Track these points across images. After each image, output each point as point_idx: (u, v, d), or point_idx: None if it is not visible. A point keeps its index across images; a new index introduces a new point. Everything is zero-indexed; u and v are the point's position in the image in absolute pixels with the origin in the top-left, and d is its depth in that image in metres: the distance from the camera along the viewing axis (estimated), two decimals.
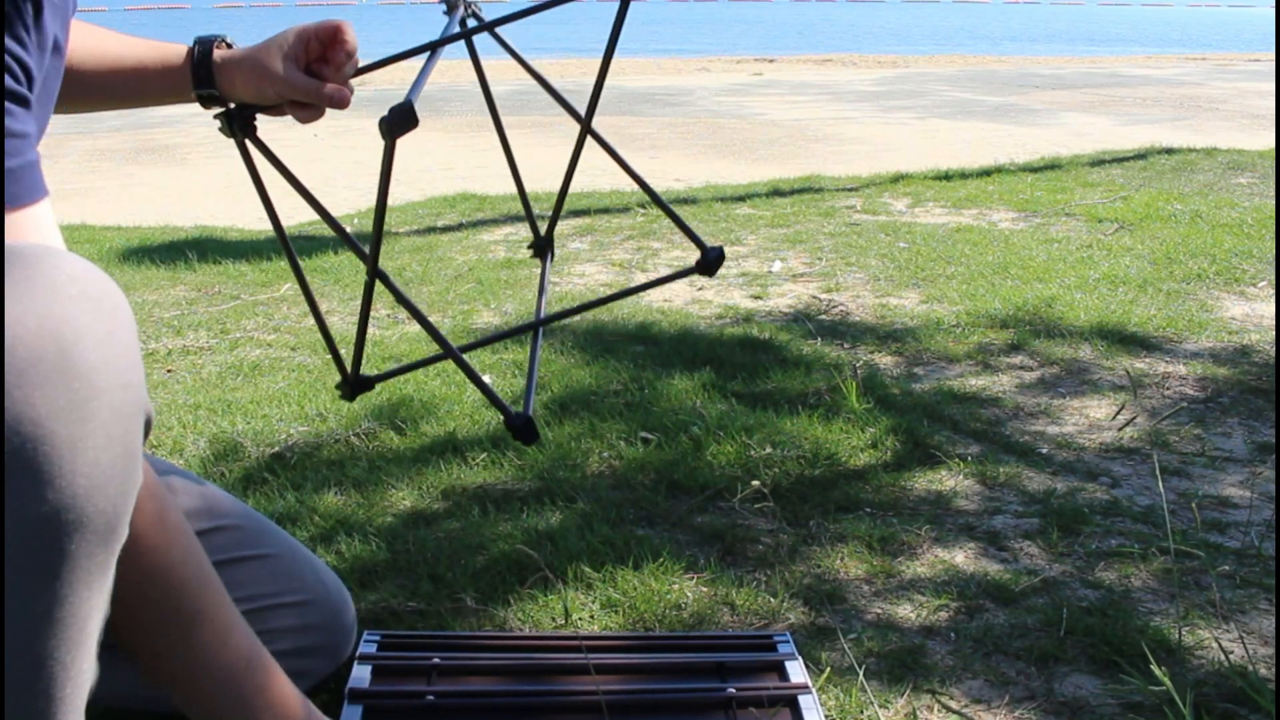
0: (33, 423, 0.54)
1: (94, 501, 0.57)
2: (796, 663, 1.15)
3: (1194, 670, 1.18)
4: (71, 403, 0.56)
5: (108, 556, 0.60)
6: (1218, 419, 1.93)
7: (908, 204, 4.09)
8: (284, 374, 2.19)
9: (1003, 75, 12.75)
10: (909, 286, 2.85)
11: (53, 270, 0.58)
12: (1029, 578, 1.38)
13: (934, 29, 29.67)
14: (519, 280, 2.97)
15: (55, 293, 0.57)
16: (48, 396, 0.55)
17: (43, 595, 0.57)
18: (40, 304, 0.56)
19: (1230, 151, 5.38)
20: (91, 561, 0.58)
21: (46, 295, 0.56)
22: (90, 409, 0.57)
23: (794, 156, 6.24)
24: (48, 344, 0.55)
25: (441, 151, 6.55)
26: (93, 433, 0.57)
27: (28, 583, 0.56)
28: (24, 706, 0.58)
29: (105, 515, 0.58)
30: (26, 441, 0.54)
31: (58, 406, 0.55)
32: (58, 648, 0.58)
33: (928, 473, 1.70)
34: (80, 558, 0.58)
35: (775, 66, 14.47)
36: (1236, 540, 1.48)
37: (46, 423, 0.55)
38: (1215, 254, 3.08)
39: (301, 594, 1.08)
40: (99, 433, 0.57)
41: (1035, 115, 8.48)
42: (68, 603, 0.58)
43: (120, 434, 0.59)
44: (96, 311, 0.59)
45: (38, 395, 0.54)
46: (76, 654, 0.59)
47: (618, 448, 1.77)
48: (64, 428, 0.55)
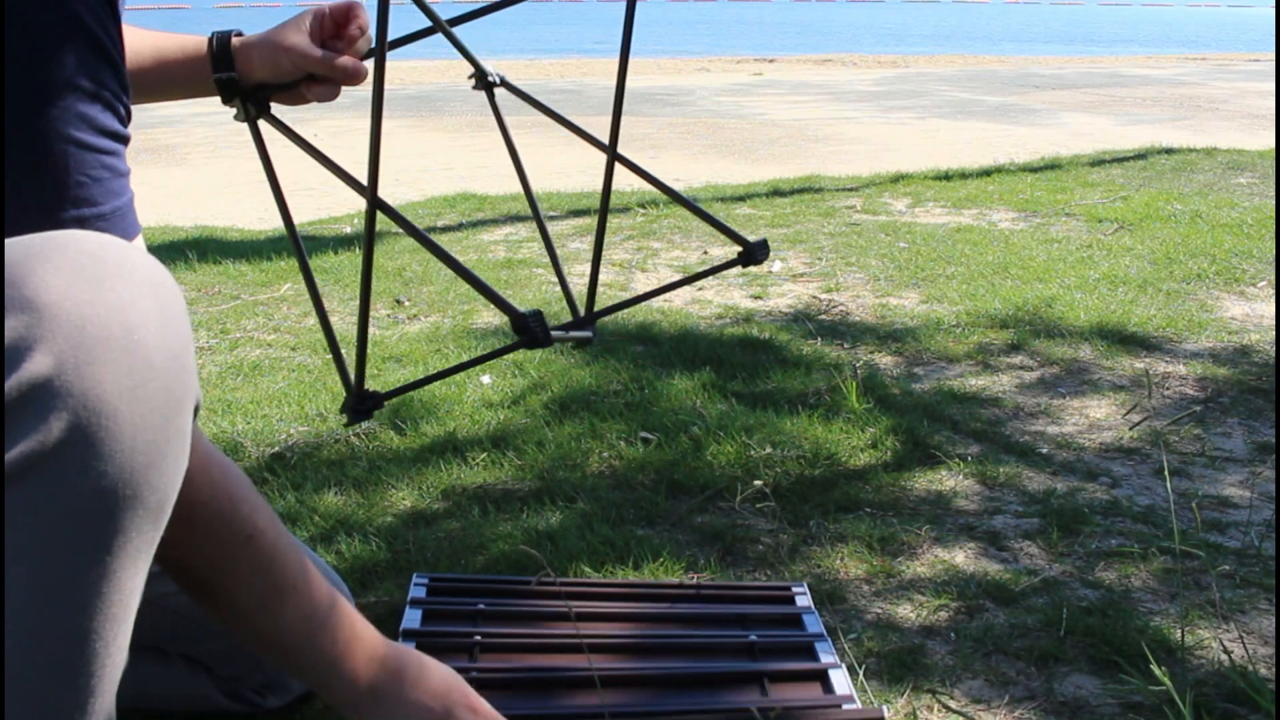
0: (99, 399, 0.57)
1: (149, 479, 0.60)
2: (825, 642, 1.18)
3: (1194, 670, 1.18)
4: (135, 383, 0.59)
5: (155, 535, 0.63)
6: (1218, 419, 1.93)
7: (908, 204, 4.09)
8: (284, 374, 2.19)
9: (1003, 75, 12.75)
10: (909, 286, 2.85)
11: (119, 257, 0.61)
12: (1029, 578, 1.38)
13: (934, 29, 29.67)
14: (519, 280, 2.97)
15: (121, 279, 0.60)
16: (114, 375, 0.58)
17: (94, 568, 0.59)
18: (105, 287, 0.59)
19: (1230, 151, 5.38)
20: (142, 538, 0.61)
21: (113, 280, 0.59)
22: (150, 389, 0.59)
23: (794, 156, 6.24)
24: (114, 326, 0.58)
25: (441, 151, 6.55)
26: (152, 413, 0.60)
27: (83, 555, 0.58)
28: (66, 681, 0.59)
29: (158, 493, 0.61)
30: (92, 416, 0.57)
31: (123, 385, 0.58)
32: (103, 624, 0.60)
33: (928, 473, 1.70)
34: (132, 533, 0.60)
35: (775, 66, 14.47)
36: (1236, 540, 1.48)
37: (111, 400, 0.57)
38: (1215, 254, 3.09)
39: None
40: (157, 413, 0.60)
41: (1035, 115, 8.49)
42: (115, 578, 0.60)
43: (174, 414, 0.61)
44: (157, 298, 0.61)
45: (105, 373, 0.57)
46: (118, 632, 0.61)
47: (618, 448, 1.77)
48: (127, 406, 0.58)
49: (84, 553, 0.58)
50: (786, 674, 1.13)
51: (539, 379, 2.11)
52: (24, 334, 0.56)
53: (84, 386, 0.56)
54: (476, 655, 1.14)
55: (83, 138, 0.70)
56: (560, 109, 1.20)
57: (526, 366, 2.18)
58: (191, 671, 1.07)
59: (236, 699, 1.08)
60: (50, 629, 0.58)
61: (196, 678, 1.07)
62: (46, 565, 0.57)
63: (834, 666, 1.14)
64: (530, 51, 18.13)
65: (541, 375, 2.13)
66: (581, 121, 1.20)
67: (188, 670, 1.07)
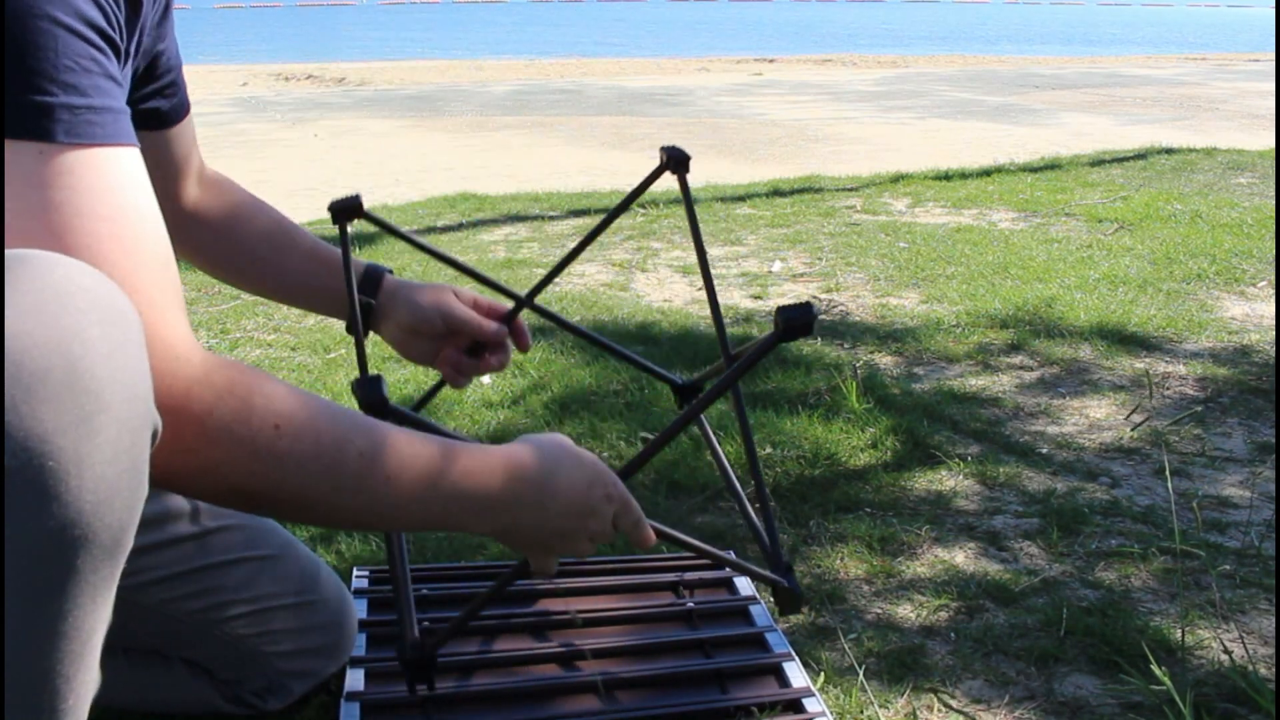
0: (39, 439, 0.53)
1: (100, 517, 0.56)
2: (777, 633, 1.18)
3: (1194, 670, 1.18)
4: (79, 418, 0.55)
5: (113, 570, 0.59)
6: (1218, 419, 1.93)
7: (908, 204, 4.09)
8: (284, 374, 2.19)
9: (1003, 75, 12.75)
10: (909, 286, 2.85)
11: (61, 280, 0.56)
12: (1029, 578, 1.38)
13: (934, 29, 29.68)
14: (519, 280, 2.97)
15: (63, 304, 0.55)
16: (55, 412, 0.54)
17: (47, 611, 0.56)
18: (48, 316, 0.55)
19: (1230, 151, 5.38)
20: (96, 576, 0.58)
21: (54, 307, 0.55)
22: (98, 423, 0.55)
23: (794, 156, 6.25)
24: (55, 358, 0.54)
25: (441, 152, 6.55)
26: (100, 447, 0.56)
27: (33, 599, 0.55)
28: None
29: (111, 530, 0.57)
30: (33, 458, 0.53)
31: (65, 422, 0.54)
32: (61, 662, 0.57)
33: (928, 473, 1.70)
34: (86, 572, 0.57)
35: (775, 66, 14.47)
36: (1236, 540, 1.48)
37: (54, 439, 0.54)
38: (1215, 254, 3.09)
39: (304, 594, 1.08)
40: (106, 447, 0.56)
41: (1035, 115, 8.49)
42: (71, 617, 0.57)
43: (127, 448, 0.58)
44: (105, 323, 0.57)
45: (45, 410, 0.53)
46: (79, 666, 0.59)
47: (618, 448, 1.77)
48: (71, 443, 0.54)
49: (35, 596, 0.55)
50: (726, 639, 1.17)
51: (539, 379, 2.11)
52: None
53: (23, 426, 0.52)
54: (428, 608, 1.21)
55: (68, 21, 0.63)
56: (560, 109, 1.21)
57: (526, 366, 2.18)
58: (192, 675, 1.07)
59: (237, 702, 1.08)
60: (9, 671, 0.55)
61: (197, 681, 1.07)
62: None
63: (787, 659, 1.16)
64: (528, 52, 18.13)
65: (541, 375, 2.13)
66: (581, 121, 1.19)
67: (188, 674, 1.07)
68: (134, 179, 0.66)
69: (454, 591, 1.27)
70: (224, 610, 1.03)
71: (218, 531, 1.03)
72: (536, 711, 1.07)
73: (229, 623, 1.03)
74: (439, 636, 0.94)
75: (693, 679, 1.11)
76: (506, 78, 12.26)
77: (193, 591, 1.01)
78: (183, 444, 0.65)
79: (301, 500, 0.70)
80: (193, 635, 1.03)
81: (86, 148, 0.63)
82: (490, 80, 12.04)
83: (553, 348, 2.29)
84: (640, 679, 1.11)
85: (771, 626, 1.21)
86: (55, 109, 0.62)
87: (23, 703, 0.57)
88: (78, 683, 0.59)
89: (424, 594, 1.25)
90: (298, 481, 0.69)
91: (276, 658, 1.07)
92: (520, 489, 0.80)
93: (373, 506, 0.73)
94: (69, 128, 0.62)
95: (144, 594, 0.98)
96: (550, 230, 3.71)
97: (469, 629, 1.19)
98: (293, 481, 0.69)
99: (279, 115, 8.50)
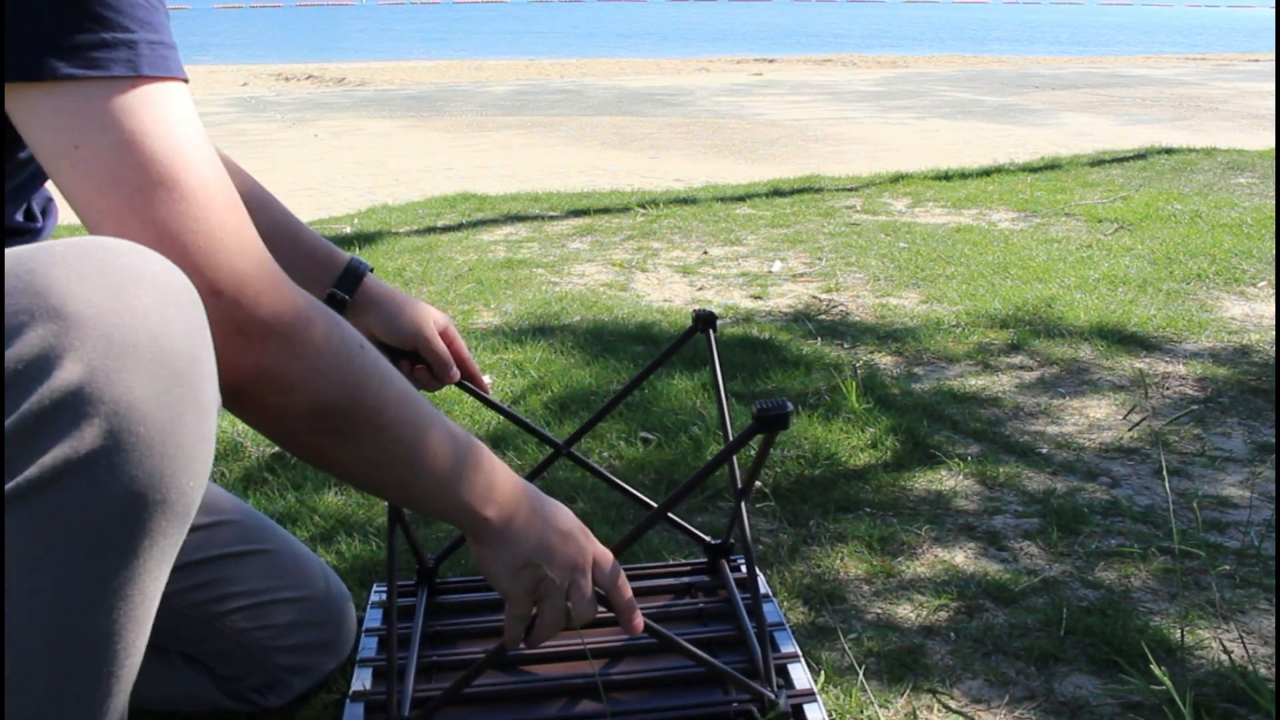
0: (129, 406, 0.58)
1: (178, 483, 0.61)
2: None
3: (1194, 670, 1.18)
4: (162, 389, 0.59)
5: (179, 538, 0.64)
6: (1218, 419, 1.93)
7: (908, 204, 4.09)
8: None
9: (1003, 75, 12.75)
10: (909, 286, 2.85)
11: (136, 264, 0.61)
12: (1029, 578, 1.38)
13: (934, 29, 29.68)
14: (519, 280, 2.97)
15: (140, 287, 0.60)
16: (144, 382, 0.59)
17: (122, 571, 0.60)
18: (129, 296, 0.59)
19: (1230, 151, 5.38)
20: (167, 541, 0.62)
21: (133, 289, 0.60)
22: (176, 395, 0.60)
23: (794, 156, 6.24)
24: (141, 334, 0.59)
25: (441, 151, 6.55)
26: (179, 417, 0.60)
27: (111, 558, 0.59)
28: (86, 680, 0.60)
29: (185, 496, 0.62)
30: (124, 423, 0.58)
31: (152, 391, 0.59)
32: (126, 626, 0.61)
33: (928, 473, 1.70)
34: (159, 536, 0.61)
35: (775, 66, 14.47)
36: (1236, 540, 1.48)
37: (141, 406, 0.58)
38: (1215, 254, 3.09)
39: (300, 589, 1.09)
40: (184, 418, 0.61)
41: (1035, 115, 8.49)
42: (140, 581, 0.61)
43: (199, 420, 0.62)
44: (178, 305, 0.62)
45: (135, 380, 0.58)
46: (139, 634, 0.63)
47: (618, 448, 1.77)
48: (156, 411, 0.59)
49: (113, 556, 0.59)
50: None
51: (539, 379, 2.11)
52: (53, 343, 0.57)
53: (115, 394, 0.57)
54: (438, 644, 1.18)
55: None
56: (560, 109, 1.22)
57: (526, 366, 2.18)
58: (192, 671, 1.07)
59: (237, 698, 1.08)
60: (75, 629, 0.59)
61: (197, 678, 1.07)
62: (75, 566, 0.58)
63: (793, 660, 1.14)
64: (528, 52, 18.14)
65: (541, 375, 2.13)
66: (581, 121, 1.20)
67: (188, 669, 1.07)
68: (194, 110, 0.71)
69: (466, 601, 1.27)
70: (224, 603, 1.04)
71: (217, 526, 1.04)
72: (539, 711, 1.07)
73: (228, 616, 1.04)
74: (427, 710, 0.97)
75: (696, 680, 1.11)
76: (506, 78, 12.26)
77: (193, 584, 1.01)
78: (292, 351, 0.70)
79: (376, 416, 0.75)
80: (193, 629, 1.04)
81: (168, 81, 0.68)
82: (490, 80, 12.04)
83: (553, 348, 2.30)
84: (643, 680, 1.11)
85: (781, 624, 1.21)
86: (139, 44, 0.66)
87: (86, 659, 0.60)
88: (135, 648, 0.63)
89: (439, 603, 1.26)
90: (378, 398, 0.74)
91: (276, 652, 1.07)
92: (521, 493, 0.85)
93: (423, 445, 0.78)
94: (152, 61, 0.67)
95: None
96: (550, 230, 3.71)
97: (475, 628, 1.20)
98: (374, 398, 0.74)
99: (279, 115, 8.50)
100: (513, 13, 44.47)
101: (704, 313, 1.23)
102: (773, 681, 1.04)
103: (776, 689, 1.03)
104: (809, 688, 1.08)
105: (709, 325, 1.23)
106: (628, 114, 8.46)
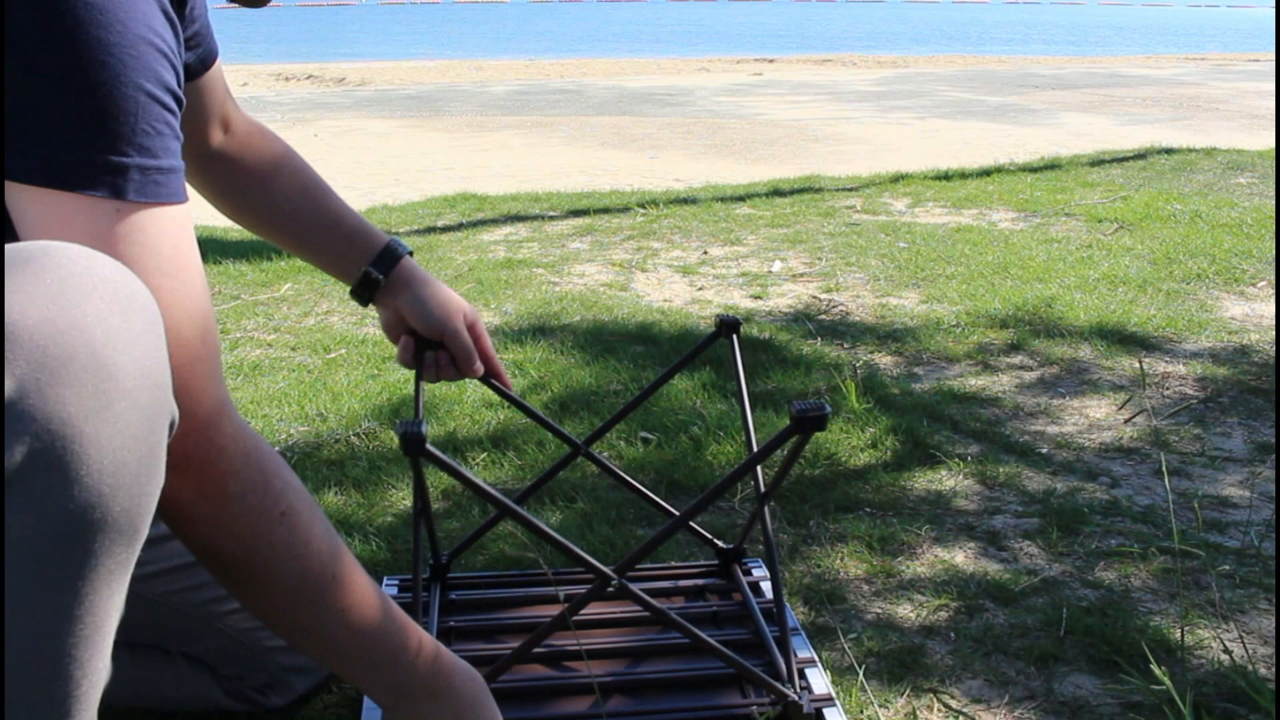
0: (62, 422, 0.55)
1: (119, 500, 0.58)
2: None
3: (1194, 670, 1.18)
4: (101, 403, 0.57)
5: (128, 555, 0.61)
6: (1218, 419, 1.93)
7: (908, 204, 4.09)
8: (284, 374, 2.19)
9: (1003, 75, 12.75)
10: (909, 286, 2.85)
11: (84, 270, 0.59)
12: (1029, 578, 1.38)
13: (934, 29, 29.67)
14: (519, 280, 2.97)
15: (87, 293, 0.58)
16: (79, 396, 0.56)
17: (64, 593, 0.58)
18: (71, 304, 0.57)
19: (1230, 151, 5.38)
20: (113, 560, 0.60)
21: (77, 295, 0.57)
22: (118, 409, 0.58)
23: (794, 156, 6.25)
24: (79, 344, 0.56)
25: (441, 151, 6.55)
26: (120, 433, 0.58)
27: (51, 580, 0.57)
28: (40, 704, 0.59)
29: (129, 514, 0.59)
30: (56, 440, 0.55)
31: (88, 407, 0.56)
32: (76, 646, 0.59)
33: (928, 473, 1.70)
34: (102, 556, 0.59)
35: (775, 66, 14.47)
36: (1236, 540, 1.48)
37: (76, 422, 0.56)
38: (1215, 254, 3.09)
39: None
40: (126, 433, 0.58)
41: (1035, 115, 8.49)
42: (87, 601, 0.59)
43: (145, 434, 0.60)
44: (126, 313, 0.59)
45: (69, 395, 0.55)
46: (93, 652, 0.60)
47: (618, 448, 1.77)
48: (92, 427, 0.56)
49: (53, 577, 0.57)
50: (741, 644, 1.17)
51: (539, 379, 2.11)
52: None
53: (47, 409, 0.55)
54: (452, 641, 1.18)
55: (151, 89, 0.68)
56: (560, 109, 1.22)
57: (527, 367, 2.18)
58: (193, 670, 1.07)
59: (238, 698, 1.08)
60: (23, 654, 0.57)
61: (198, 676, 1.07)
62: (15, 590, 0.56)
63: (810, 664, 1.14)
64: (528, 52, 18.13)
65: (541, 375, 2.13)
66: (581, 121, 1.20)
67: (190, 669, 1.07)
68: (188, 234, 0.72)
69: (480, 598, 1.27)
70: (225, 603, 1.04)
71: None
72: (541, 711, 1.07)
73: (230, 615, 1.04)
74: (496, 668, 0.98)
75: (713, 682, 1.11)
76: (506, 78, 12.25)
77: (195, 584, 1.02)
78: (199, 492, 0.71)
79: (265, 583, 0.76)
80: (195, 628, 1.04)
81: (153, 206, 0.69)
82: (490, 80, 12.04)
83: (552, 348, 2.30)
84: (660, 681, 1.11)
85: (797, 629, 1.20)
86: (129, 169, 0.67)
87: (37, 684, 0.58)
88: (91, 669, 0.60)
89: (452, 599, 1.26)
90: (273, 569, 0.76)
91: (278, 652, 1.07)
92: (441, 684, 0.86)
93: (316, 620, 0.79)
94: (140, 187, 0.68)
95: (148, 586, 0.99)
96: (550, 230, 3.71)
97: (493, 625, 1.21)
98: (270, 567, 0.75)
99: (279, 115, 8.50)
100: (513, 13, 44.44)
101: (728, 318, 1.21)
102: (796, 684, 1.04)
103: (799, 692, 1.03)
104: (828, 692, 1.08)
105: (733, 331, 1.22)
106: (628, 114, 8.45)
